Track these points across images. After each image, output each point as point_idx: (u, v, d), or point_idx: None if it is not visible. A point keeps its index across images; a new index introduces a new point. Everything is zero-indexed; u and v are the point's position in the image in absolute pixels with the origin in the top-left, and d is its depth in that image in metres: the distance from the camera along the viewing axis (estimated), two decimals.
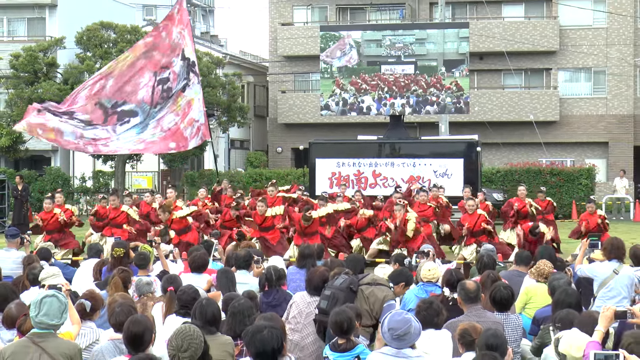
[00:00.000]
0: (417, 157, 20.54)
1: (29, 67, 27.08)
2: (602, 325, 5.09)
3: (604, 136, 32.03)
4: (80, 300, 6.49)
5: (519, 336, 6.76)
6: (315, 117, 31.49)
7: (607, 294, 8.08)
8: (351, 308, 6.15)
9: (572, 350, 5.04)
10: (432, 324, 6.09)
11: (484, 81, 33.23)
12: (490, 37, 31.99)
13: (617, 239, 8.39)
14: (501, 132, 31.82)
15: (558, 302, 6.57)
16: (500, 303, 6.69)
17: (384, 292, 7.18)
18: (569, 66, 32.55)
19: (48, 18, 33.09)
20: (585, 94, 32.57)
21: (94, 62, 27.19)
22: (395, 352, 5.26)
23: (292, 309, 7.29)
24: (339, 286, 6.86)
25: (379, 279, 7.42)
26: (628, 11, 31.77)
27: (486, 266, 8.37)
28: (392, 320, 5.27)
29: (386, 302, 7.08)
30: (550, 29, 32.03)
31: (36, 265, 8.18)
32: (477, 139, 21.78)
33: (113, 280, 7.40)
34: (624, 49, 31.80)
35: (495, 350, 5.13)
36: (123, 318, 5.65)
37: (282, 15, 34.43)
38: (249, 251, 9.14)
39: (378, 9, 34.16)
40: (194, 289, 6.66)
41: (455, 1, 32.87)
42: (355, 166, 20.70)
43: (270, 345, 4.82)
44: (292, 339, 7.03)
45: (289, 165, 33.04)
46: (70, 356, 5.24)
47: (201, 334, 4.78)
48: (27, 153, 29.21)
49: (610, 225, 16.55)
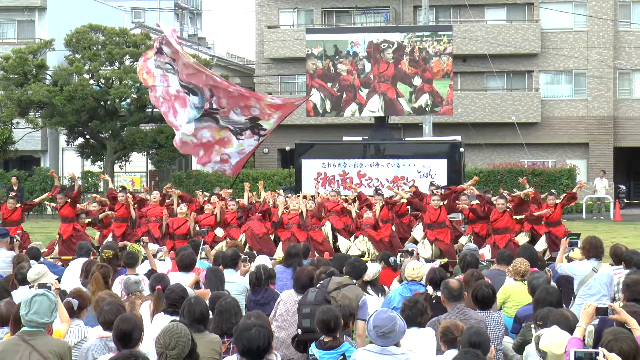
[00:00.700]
0: (401, 158, 20.68)
1: (19, 69, 27.10)
2: (583, 321, 5.06)
3: (585, 137, 32.35)
4: (68, 298, 6.51)
5: (501, 334, 6.81)
6: (301, 118, 31.57)
7: (587, 292, 8.21)
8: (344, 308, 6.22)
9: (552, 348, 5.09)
10: (416, 323, 6.15)
11: (467, 83, 33.47)
12: (473, 40, 32.23)
13: (595, 238, 8.51)
14: (484, 133, 32.06)
15: (539, 300, 6.61)
16: (483, 301, 6.76)
17: (354, 291, 7.19)
18: (550, 69, 32.85)
19: (37, 21, 33.10)
20: (566, 95, 32.89)
21: (83, 64, 27.20)
22: (380, 350, 5.34)
23: (280, 307, 7.36)
24: (315, 301, 6.80)
25: (343, 280, 7.35)
26: (608, 15, 32.13)
27: (469, 265, 8.43)
28: (378, 318, 5.36)
29: (360, 300, 7.13)
30: (532, 32, 32.32)
31: (25, 264, 8.20)
32: (460, 140, 21.95)
33: (94, 276, 7.41)
34: (604, 52, 32.15)
35: (477, 347, 5.17)
36: (112, 316, 5.69)
37: (268, 18, 34.49)
38: (236, 250, 9.20)
39: (363, 12, 34.30)
40: (182, 287, 6.68)
41: (439, 4, 33.08)
42: (340, 167, 20.82)
43: (258, 343, 4.88)
44: (279, 337, 7.10)
45: (276, 165, 33.12)
46: (60, 354, 5.27)
47: (189, 332, 4.80)
48: (16, 154, 29.16)
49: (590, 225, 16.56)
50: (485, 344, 5.31)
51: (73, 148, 30.00)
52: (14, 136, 28.26)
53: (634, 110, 32.47)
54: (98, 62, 27.22)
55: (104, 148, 28.30)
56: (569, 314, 5.89)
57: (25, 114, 27.77)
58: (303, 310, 6.84)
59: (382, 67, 21.90)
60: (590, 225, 23.68)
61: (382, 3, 33.86)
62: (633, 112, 32.46)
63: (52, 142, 33.20)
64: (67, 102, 26.41)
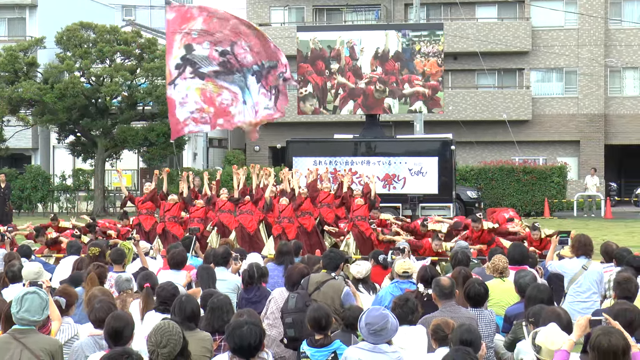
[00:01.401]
0: (392, 156, 20.75)
1: (10, 67, 27.04)
2: (575, 334, 4.90)
3: (576, 135, 32.48)
4: (55, 297, 6.51)
5: (493, 331, 6.80)
6: (292, 115, 31.57)
7: (577, 290, 8.24)
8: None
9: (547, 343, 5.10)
10: (407, 321, 6.15)
11: (458, 81, 33.53)
12: (464, 38, 32.29)
13: (584, 236, 8.54)
14: (475, 131, 32.13)
15: (530, 298, 6.63)
16: (475, 299, 6.74)
17: (333, 286, 7.14)
18: (541, 66, 32.96)
19: (28, 18, 33.04)
20: (557, 93, 33.01)
21: (74, 61, 27.15)
22: (372, 347, 5.35)
23: (271, 305, 7.37)
24: (295, 308, 6.78)
25: (318, 277, 7.28)
26: (599, 12, 32.24)
27: (460, 262, 8.44)
28: (370, 316, 5.37)
29: (342, 292, 7.14)
30: (523, 30, 32.40)
31: (15, 262, 8.17)
32: (451, 137, 22.03)
33: (89, 276, 7.38)
34: (594, 50, 32.27)
35: (469, 345, 5.16)
36: (103, 314, 5.69)
37: (259, 16, 34.44)
38: (227, 248, 9.21)
39: (354, 10, 34.32)
40: (173, 285, 6.70)
41: (429, 2, 33.12)
42: (332, 164, 20.85)
43: (249, 341, 4.88)
44: (270, 335, 7.10)
45: (267, 163, 33.06)
46: (51, 352, 5.27)
47: (180, 330, 4.80)
48: (7, 151, 29.09)
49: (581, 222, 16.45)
50: (476, 342, 5.30)
51: (64, 146, 29.92)
52: (5, 134, 28.15)
53: (625, 108, 32.62)
54: (89, 60, 27.14)
55: (95, 146, 28.22)
56: (561, 311, 5.92)
57: (16, 111, 27.68)
58: (286, 320, 6.82)
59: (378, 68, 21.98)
60: (581, 222, 23.77)
61: (373, 1, 33.89)
62: (624, 109, 32.61)
63: (43, 140, 33.09)
64: (58, 100, 26.32)
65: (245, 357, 4.92)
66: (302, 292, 7.04)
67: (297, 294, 7.01)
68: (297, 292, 7.05)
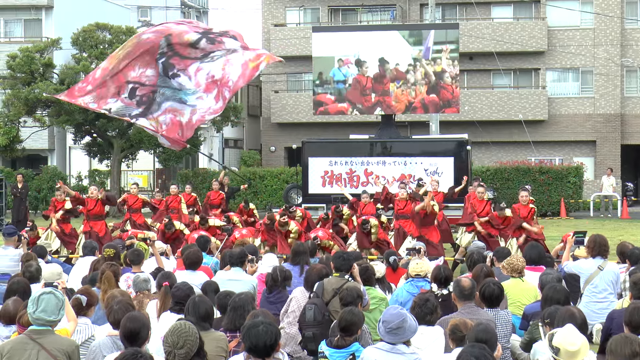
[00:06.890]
0: (408, 156, 20.69)
1: (26, 68, 27.18)
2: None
3: (592, 135, 32.27)
4: (76, 295, 6.54)
5: (509, 332, 6.77)
6: (307, 116, 31.61)
7: (593, 290, 8.21)
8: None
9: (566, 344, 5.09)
10: (425, 321, 6.13)
11: (473, 81, 33.41)
12: (479, 38, 32.18)
13: (600, 236, 8.49)
14: (491, 131, 32.00)
15: (547, 298, 6.62)
16: (490, 299, 6.72)
17: (352, 291, 6.74)
18: (557, 66, 32.77)
19: (44, 19, 33.24)
20: (573, 93, 32.80)
21: (90, 62, 27.27)
22: (390, 348, 5.33)
23: (292, 304, 7.36)
24: (315, 322, 6.70)
25: (332, 283, 7.15)
26: (615, 12, 32.01)
27: (476, 263, 8.39)
28: (387, 314, 5.37)
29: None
30: (539, 30, 32.24)
31: (32, 263, 8.22)
32: (467, 137, 21.94)
33: (105, 275, 7.38)
34: (610, 49, 32.04)
35: (484, 344, 5.11)
36: (121, 316, 5.68)
37: (274, 17, 34.51)
38: (243, 249, 9.23)
39: (369, 10, 34.29)
40: (188, 285, 6.73)
41: (445, 2, 33.03)
42: (347, 165, 20.84)
43: (265, 341, 4.88)
44: (290, 332, 7.12)
45: (282, 164, 33.15)
46: (68, 352, 5.29)
47: (196, 331, 4.81)
48: (24, 152, 29.27)
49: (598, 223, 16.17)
50: (492, 342, 5.29)
51: (80, 147, 30.08)
52: (21, 135, 28.34)
53: None
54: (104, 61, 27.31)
55: (111, 147, 28.36)
56: (575, 310, 5.89)
57: (33, 112, 27.84)
58: (306, 334, 6.77)
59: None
60: (597, 223, 23.61)
61: (389, 1, 33.84)
62: None
63: (59, 141, 33.30)
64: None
65: (261, 357, 4.92)
66: (318, 302, 6.95)
67: (314, 304, 6.92)
68: (313, 303, 6.96)
